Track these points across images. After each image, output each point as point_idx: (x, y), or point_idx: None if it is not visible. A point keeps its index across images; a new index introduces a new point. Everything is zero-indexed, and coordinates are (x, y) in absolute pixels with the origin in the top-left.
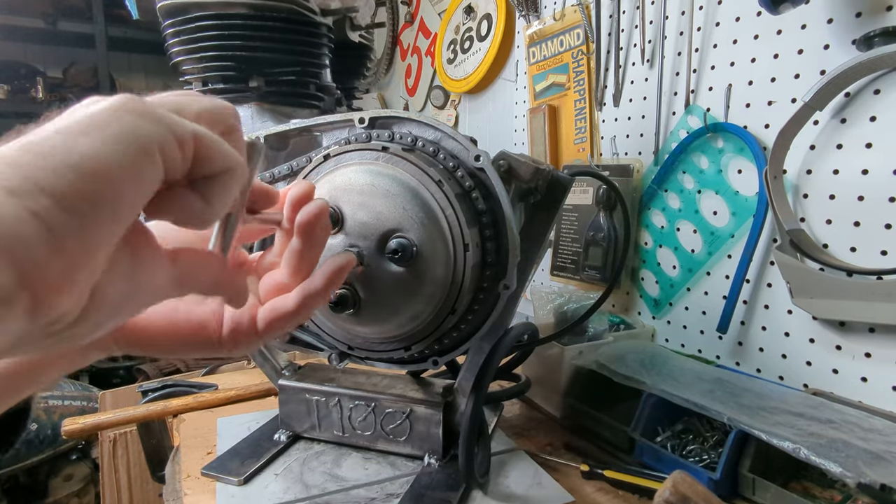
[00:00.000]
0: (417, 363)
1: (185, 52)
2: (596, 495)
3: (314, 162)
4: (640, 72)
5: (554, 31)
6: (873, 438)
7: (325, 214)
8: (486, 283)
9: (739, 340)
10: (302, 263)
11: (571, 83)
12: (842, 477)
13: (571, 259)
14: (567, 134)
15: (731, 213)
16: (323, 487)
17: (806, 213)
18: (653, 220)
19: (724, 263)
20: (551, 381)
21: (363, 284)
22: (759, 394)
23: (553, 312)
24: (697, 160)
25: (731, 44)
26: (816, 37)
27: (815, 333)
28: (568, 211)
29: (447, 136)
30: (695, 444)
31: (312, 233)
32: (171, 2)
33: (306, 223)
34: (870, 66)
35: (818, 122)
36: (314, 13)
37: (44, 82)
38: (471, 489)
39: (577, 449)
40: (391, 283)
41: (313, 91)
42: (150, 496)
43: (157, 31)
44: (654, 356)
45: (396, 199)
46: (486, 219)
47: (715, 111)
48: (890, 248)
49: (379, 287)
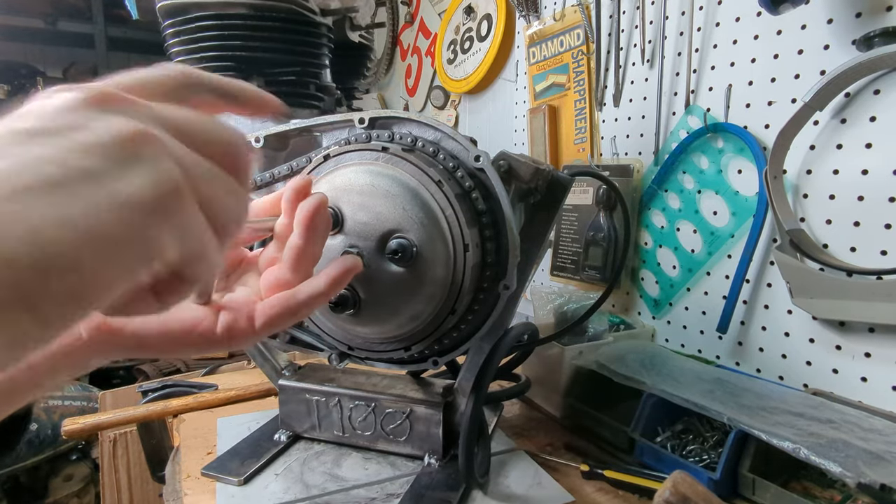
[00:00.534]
0: (417, 363)
1: (185, 53)
2: (596, 495)
3: (314, 162)
4: (640, 72)
5: (554, 31)
6: (873, 438)
7: (325, 207)
8: (486, 283)
9: (739, 340)
10: (302, 259)
11: (571, 83)
12: (842, 477)
13: (571, 259)
14: (567, 134)
15: (731, 213)
16: (323, 487)
17: (806, 213)
18: (653, 220)
19: (724, 263)
20: (551, 382)
21: (363, 285)
22: (759, 394)
23: (553, 312)
24: (697, 160)
25: (732, 44)
26: (816, 37)
27: (815, 333)
28: (568, 211)
29: (447, 136)
30: (695, 444)
31: (313, 227)
32: (171, 2)
33: (306, 217)
34: (870, 66)
35: (818, 123)
36: (314, 13)
37: (44, 82)
38: (471, 489)
39: (577, 449)
40: (391, 284)
41: (313, 91)
42: (150, 496)
43: (156, 31)
44: (654, 356)
45: (396, 199)
46: (486, 219)
47: (715, 111)
48: (890, 248)
49: (379, 287)
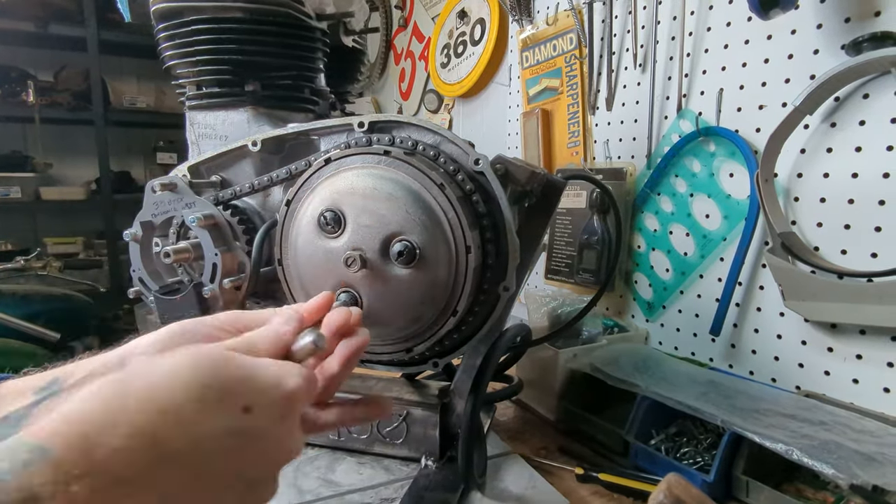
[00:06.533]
0: (418, 364)
1: (179, 56)
2: (591, 498)
3: (315, 165)
4: (632, 76)
5: (547, 35)
6: (865, 440)
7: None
8: (486, 285)
9: (732, 343)
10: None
11: (564, 87)
12: (834, 478)
13: (566, 262)
14: (560, 138)
15: (723, 216)
16: (317, 493)
17: (797, 216)
18: (646, 223)
19: (716, 266)
20: (546, 385)
21: (366, 287)
22: (752, 396)
23: (547, 316)
24: (690, 164)
25: (723, 48)
26: (806, 42)
27: (807, 336)
28: (562, 214)
29: (446, 139)
30: (689, 447)
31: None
32: (165, 5)
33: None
34: (859, 70)
35: (808, 127)
36: (309, 17)
37: (35, 86)
38: (469, 490)
39: (571, 452)
40: (394, 286)
41: (308, 95)
42: None
43: (150, 34)
44: (648, 359)
45: (399, 202)
46: (486, 221)
47: (707, 115)
48: (880, 251)
49: (382, 290)
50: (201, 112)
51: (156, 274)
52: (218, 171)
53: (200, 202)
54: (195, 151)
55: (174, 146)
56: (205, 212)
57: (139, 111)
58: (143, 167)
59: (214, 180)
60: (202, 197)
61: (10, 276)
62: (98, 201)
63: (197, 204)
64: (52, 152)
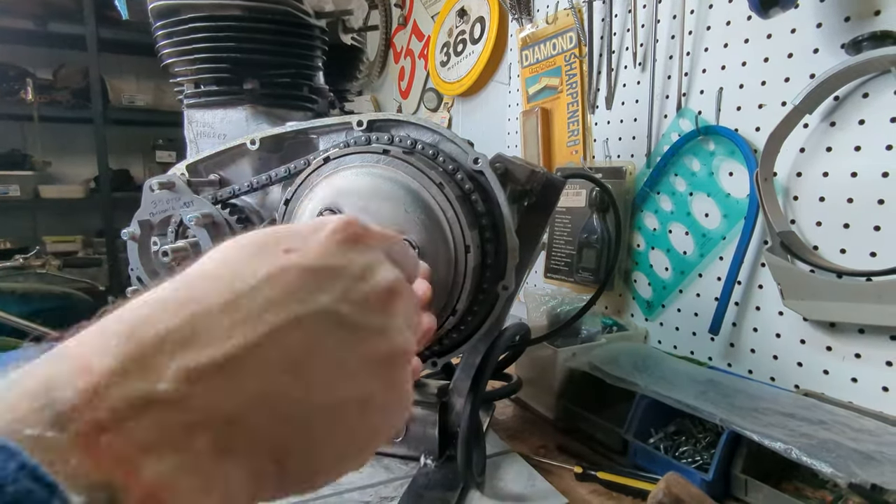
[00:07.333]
0: None
1: (178, 54)
2: (590, 497)
3: (314, 164)
4: (632, 75)
5: (547, 34)
6: (864, 439)
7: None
8: (486, 284)
9: (731, 342)
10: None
11: (564, 86)
12: (833, 477)
13: (565, 261)
14: (560, 136)
15: (722, 215)
16: (317, 491)
17: (796, 215)
18: (645, 222)
19: (715, 265)
20: (545, 383)
21: None
22: (751, 395)
23: (546, 314)
24: (689, 163)
25: (722, 47)
26: (806, 41)
27: (806, 335)
28: (561, 213)
29: (445, 138)
30: (687, 446)
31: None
32: (164, 3)
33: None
34: (858, 69)
35: (808, 126)
36: (308, 15)
37: (34, 84)
38: (469, 489)
39: (570, 451)
40: None
41: (307, 93)
42: None
43: (148, 32)
44: (647, 358)
45: (398, 201)
46: (485, 221)
47: (706, 114)
48: (879, 250)
49: None
50: (199, 110)
51: (154, 273)
52: (216, 170)
53: (199, 201)
54: (193, 150)
55: (173, 144)
56: (203, 210)
57: (138, 109)
58: (142, 165)
59: (213, 179)
60: (200, 195)
61: (8, 274)
62: (97, 199)
63: (195, 202)
64: (51, 150)
